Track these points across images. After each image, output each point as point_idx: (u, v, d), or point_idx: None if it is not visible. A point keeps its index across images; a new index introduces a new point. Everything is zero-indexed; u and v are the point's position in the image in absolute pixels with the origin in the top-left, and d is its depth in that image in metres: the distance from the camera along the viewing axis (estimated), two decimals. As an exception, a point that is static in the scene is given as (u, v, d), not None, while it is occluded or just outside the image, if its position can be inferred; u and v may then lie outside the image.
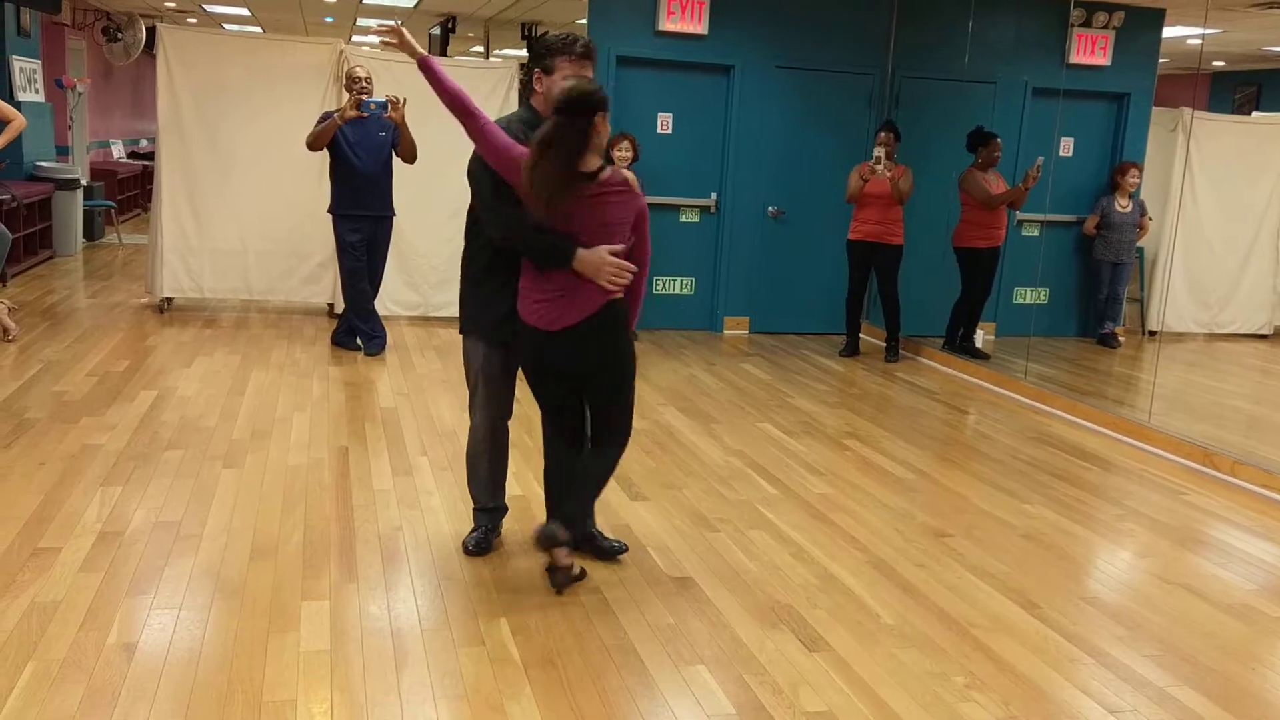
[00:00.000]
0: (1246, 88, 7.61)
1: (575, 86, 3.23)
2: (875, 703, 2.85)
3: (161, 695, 2.66)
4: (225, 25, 14.48)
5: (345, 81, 6.56)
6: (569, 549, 3.37)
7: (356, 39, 15.37)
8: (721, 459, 4.94)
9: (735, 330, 8.24)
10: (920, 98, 8.07)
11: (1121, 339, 7.95)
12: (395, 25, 3.27)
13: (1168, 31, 7.61)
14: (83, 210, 10.41)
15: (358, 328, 6.67)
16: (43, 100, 10.47)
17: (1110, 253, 7.78)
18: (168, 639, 2.94)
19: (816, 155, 8.09)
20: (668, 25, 7.62)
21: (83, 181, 10.54)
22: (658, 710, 2.75)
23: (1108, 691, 2.98)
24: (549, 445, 3.61)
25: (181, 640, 2.94)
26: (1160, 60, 7.72)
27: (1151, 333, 7.77)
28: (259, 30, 14.57)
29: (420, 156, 6.52)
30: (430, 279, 7.85)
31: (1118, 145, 7.89)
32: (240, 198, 7.62)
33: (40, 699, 2.61)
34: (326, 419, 5.17)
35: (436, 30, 12.60)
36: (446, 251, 7.64)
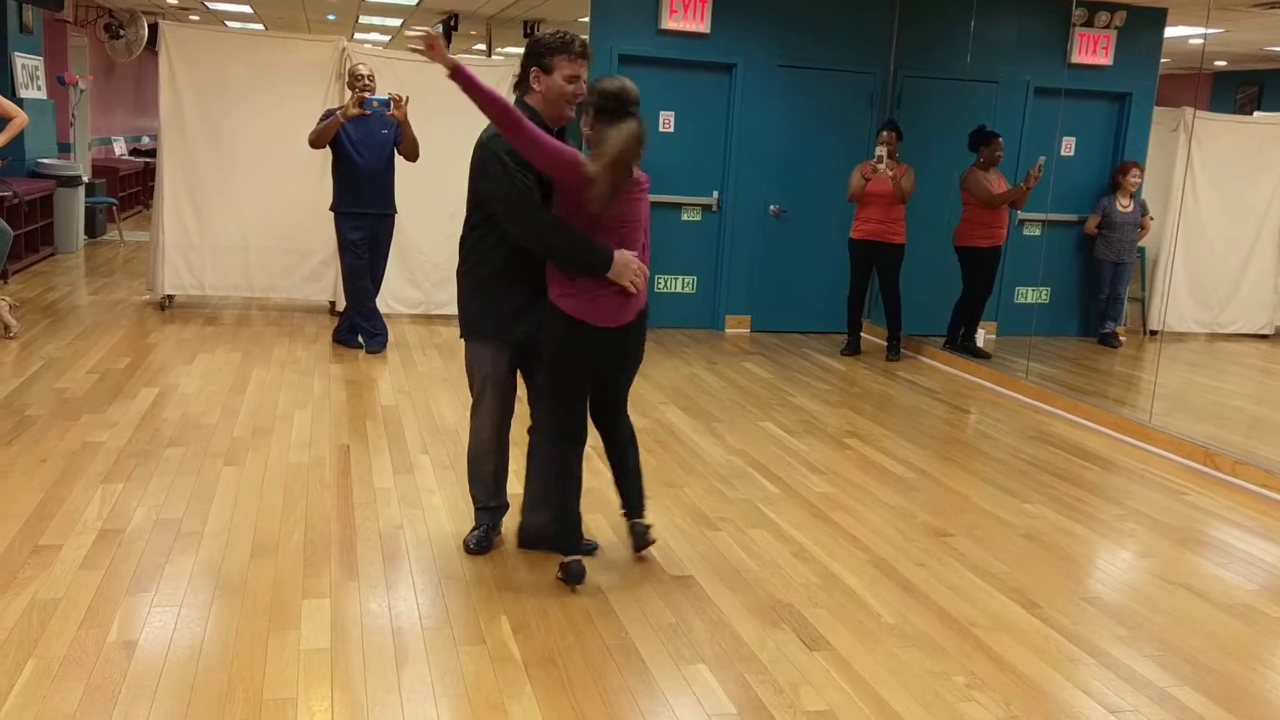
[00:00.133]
0: (1248, 88, 7.61)
1: (621, 85, 3.26)
2: (876, 702, 2.85)
3: (162, 693, 2.66)
4: (227, 22, 14.48)
5: (348, 79, 6.56)
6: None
7: (359, 36, 15.37)
8: (723, 458, 4.94)
9: (737, 329, 8.24)
10: (922, 97, 8.07)
11: (1123, 339, 7.95)
12: (431, 33, 3.14)
13: (1169, 31, 7.61)
14: (84, 207, 10.41)
15: (359, 325, 6.67)
16: (45, 97, 10.47)
17: (1112, 252, 7.78)
18: (168, 637, 2.95)
19: (818, 154, 8.08)
20: (670, 24, 7.62)
21: (84, 178, 10.54)
22: (658, 709, 2.75)
23: (1108, 691, 2.98)
24: (563, 451, 3.45)
25: (182, 638, 2.94)
26: (1162, 60, 7.72)
27: (1153, 332, 7.77)
28: (261, 27, 14.57)
29: (422, 155, 6.53)
30: (432, 277, 7.85)
31: (1119, 145, 7.89)
32: (242, 195, 7.61)
33: (40, 696, 2.61)
34: (328, 417, 5.18)
35: (439, 28, 12.59)
36: (448, 249, 7.57)
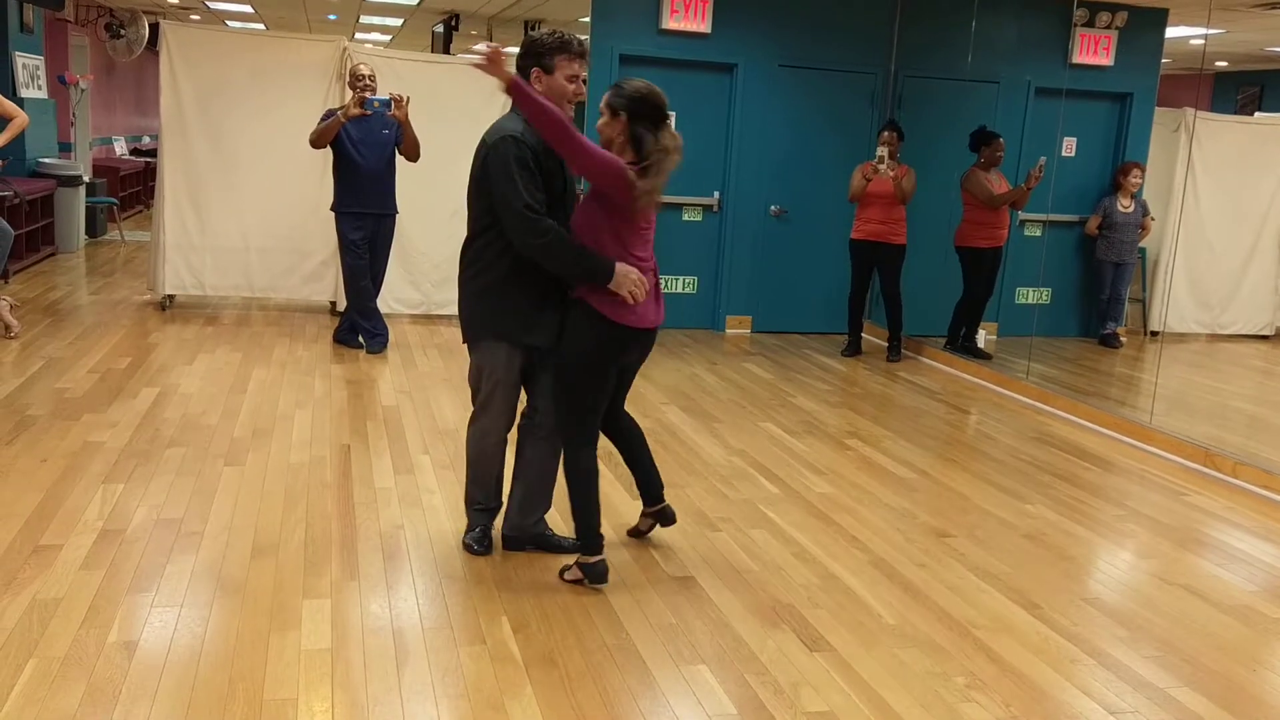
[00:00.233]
0: (1249, 88, 7.60)
1: (655, 90, 3.32)
2: (876, 703, 2.85)
3: (162, 693, 2.66)
4: (228, 22, 14.49)
5: (349, 79, 6.56)
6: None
7: (360, 36, 15.37)
8: (723, 458, 4.94)
9: (737, 329, 8.24)
10: (923, 97, 8.07)
11: (1123, 339, 7.95)
12: (495, 49, 3.08)
13: (1170, 32, 7.61)
14: (85, 207, 10.41)
15: (360, 325, 6.67)
16: (45, 97, 10.48)
17: (1112, 253, 7.77)
18: (169, 637, 2.95)
19: (819, 154, 8.08)
20: (671, 24, 7.62)
21: (85, 178, 10.54)
22: (659, 710, 2.75)
23: (1108, 692, 2.98)
24: (584, 453, 3.40)
25: (182, 638, 2.94)
26: (1163, 60, 7.72)
27: (1153, 333, 7.77)
28: (262, 27, 14.57)
29: (423, 155, 6.53)
30: (432, 277, 7.85)
31: (1120, 145, 7.89)
32: (243, 195, 7.61)
33: (41, 697, 2.61)
34: (328, 417, 5.18)
35: (439, 28, 12.59)
36: (448, 250, 7.64)
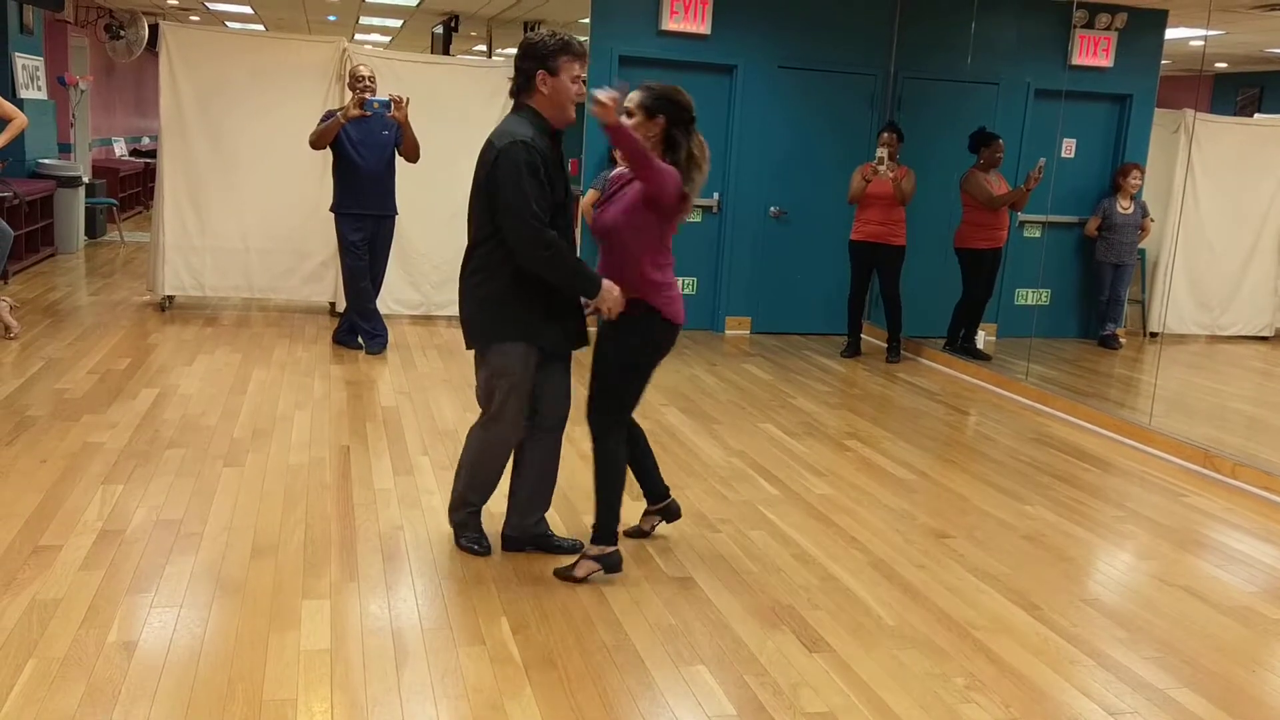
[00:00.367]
0: (1249, 90, 7.61)
1: (685, 93, 3.37)
2: (876, 704, 2.85)
3: (162, 694, 2.66)
4: (228, 23, 14.48)
5: (348, 80, 6.56)
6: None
7: (359, 37, 15.37)
8: (723, 459, 4.94)
9: (737, 330, 8.24)
10: (923, 98, 8.07)
11: (1123, 340, 7.95)
12: (613, 98, 3.09)
13: (1170, 33, 7.61)
14: (85, 208, 10.41)
15: (359, 326, 6.67)
16: (45, 98, 10.48)
17: (1112, 254, 7.78)
18: (168, 637, 2.95)
19: (819, 156, 8.09)
20: (670, 25, 7.62)
21: (85, 179, 10.54)
22: (658, 711, 2.75)
23: (1108, 693, 2.98)
24: (620, 445, 3.51)
25: (182, 639, 2.94)
26: (1163, 62, 7.73)
27: (1153, 334, 7.77)
28: (262, 28, 14.57)
29: (423, 156, 6.53)
30: (432, 278, 7.85)
31: (1120, 147, 7.89)
32: (242, 196, 7.61)
33: (40, 697, 2.61)
34: (328, 418, 5.18)
35: (439, 29, 12.59)
36: (448, 251, 7.64)
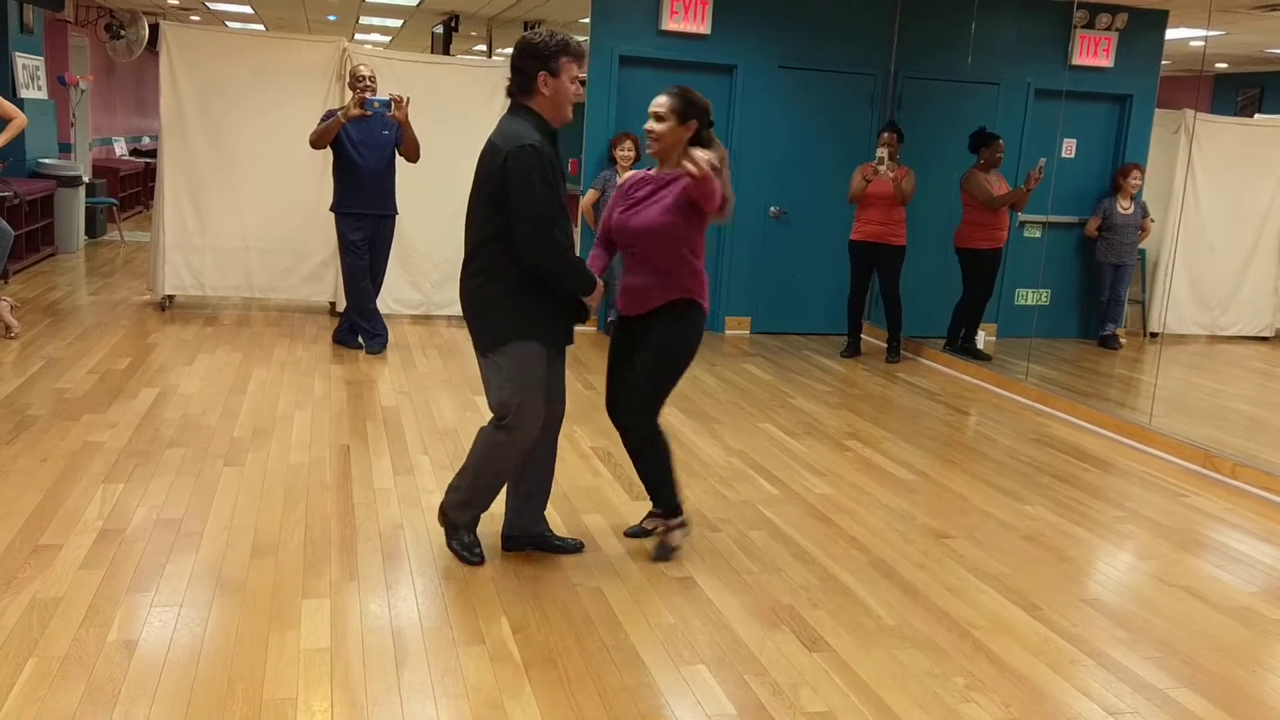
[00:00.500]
0: (1249, 90, 7.61)
1: (703, 97, 3.46)
2: (875, 703, 2.85)
3: (162, 693, 2.66)
4: (228, 23, 14.49)
5: (349, 80, 6.56)
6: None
7: (359, 37, 15.37)
8: (723, 459, 4.94)
9: (737, 330, 8.24)
10: (923, 98, 8.07)
11: (1123, 341, 7.96)
12: (705, 173, 3.23)
13: (1170, 33, 7.61)
14: (85, 207, 10.41)
15: (359, 326, 6.67)
16: (45, 97, 10.48)
17: (1112, 254, 7.78)
18: (168, 636, 2.95)
19: (819, 155, 8.09)
20: (670, 25, 7.62)
21: (85, 179, 10.54)
22: (658, 710, 2.75)
23: (1108, 693, 2.99)
24: (661, 430, 3.67)
25: (182, 638, 2.94)
26: (1163, 62, 7.72)
27: (1153, 335, 7.77)
28: (262, 28, 14.57)
29: (423, 156, 6.53)
30: (432, 278, 7.85)
31: (1120, 147, 7.89)
32: (243, 195, 7.61)
33: (41, 696, 2.61)
34: (328, 417, 5.18)
35: (439, 29, 12.60)
36: (448, 250, 7.64)
